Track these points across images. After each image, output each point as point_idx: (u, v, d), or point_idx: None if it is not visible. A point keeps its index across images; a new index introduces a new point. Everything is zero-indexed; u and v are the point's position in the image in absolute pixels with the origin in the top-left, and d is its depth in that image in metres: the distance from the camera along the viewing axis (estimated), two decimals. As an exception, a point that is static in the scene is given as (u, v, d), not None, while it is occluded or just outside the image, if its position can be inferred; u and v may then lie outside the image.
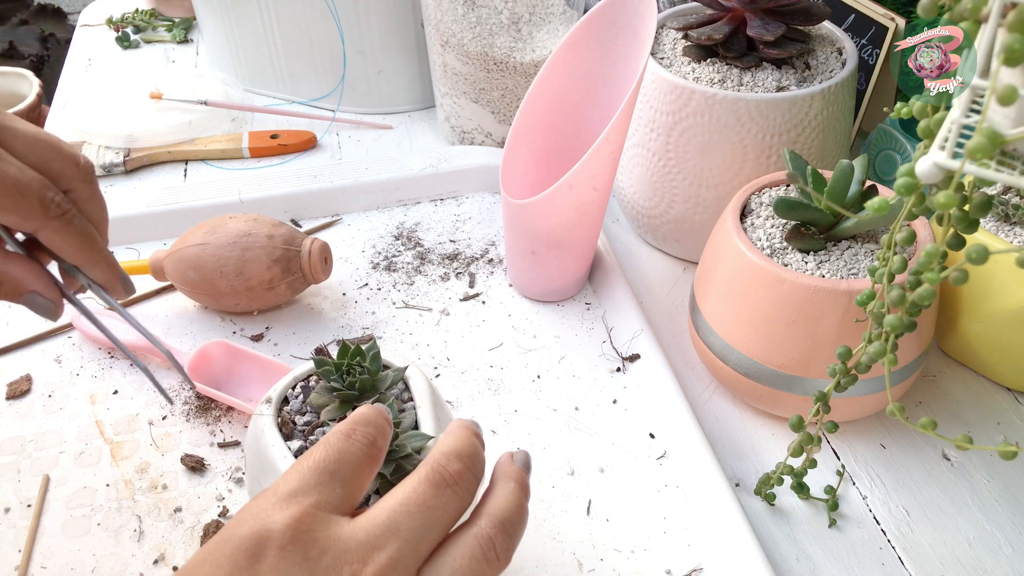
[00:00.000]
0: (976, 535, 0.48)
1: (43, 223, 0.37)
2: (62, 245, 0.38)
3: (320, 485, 0.29)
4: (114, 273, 0.41)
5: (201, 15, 0.88)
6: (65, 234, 0.38)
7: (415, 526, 0.29)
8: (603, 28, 0.58)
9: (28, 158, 0.37)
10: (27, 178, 0.36)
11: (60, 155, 0.38)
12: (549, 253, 0.59)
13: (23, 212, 0.36)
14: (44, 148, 0.38)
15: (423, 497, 0.29)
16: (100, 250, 0.40)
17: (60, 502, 0.49)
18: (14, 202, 0.36)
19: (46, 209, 0.37)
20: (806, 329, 0.47)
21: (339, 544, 0.28)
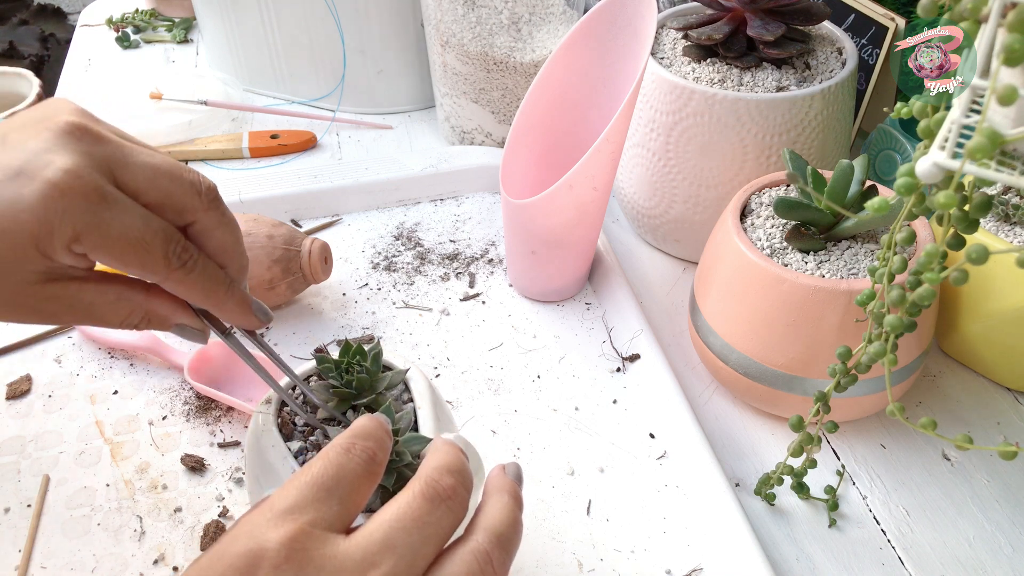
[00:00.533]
0: (976, 535, 0.48)
1: (166, 276, 0.36)
2: (186, 293, 0.38)
3: (317, 502, 0.29)
4: (244, 310, 0.40)
5: (201, 15, 0.88)
6: (188, 284, 0.37)
7: (411, 542, 0.28)
8: (603, 28, 0.58)
9: (149, 195, 0.36)
10: (149, 230, 0.35)
11: (181, 186, 0.37)
12: (549, 253, 0.59)
13: (146, 267, 0.36)
14: (164, 181, 0.36)
15: (418, 512, 0.29)
16: (226, 292, 0.39)
17: (60, 502, 0.49)
18: (137, 258, 0.35)
19: (168, 262, 0.36)
20: (806, 329, 0.47)
21: (334, 563, 0.27)
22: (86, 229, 0.34)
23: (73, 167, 0.33)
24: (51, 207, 0.33)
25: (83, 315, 0.37)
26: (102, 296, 0.37)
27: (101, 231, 0.34)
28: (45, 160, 0.33)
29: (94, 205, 0.34)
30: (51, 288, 0.36)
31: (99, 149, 0.35)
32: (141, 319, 0.38)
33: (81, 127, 0.35)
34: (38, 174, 0.33)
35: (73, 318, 0.37)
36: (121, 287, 0.38)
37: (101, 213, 0.34)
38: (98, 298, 0.37)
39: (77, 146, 0.34)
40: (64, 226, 0.33)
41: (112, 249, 0.34)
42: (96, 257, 0.35)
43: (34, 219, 0.33)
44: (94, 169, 0.34)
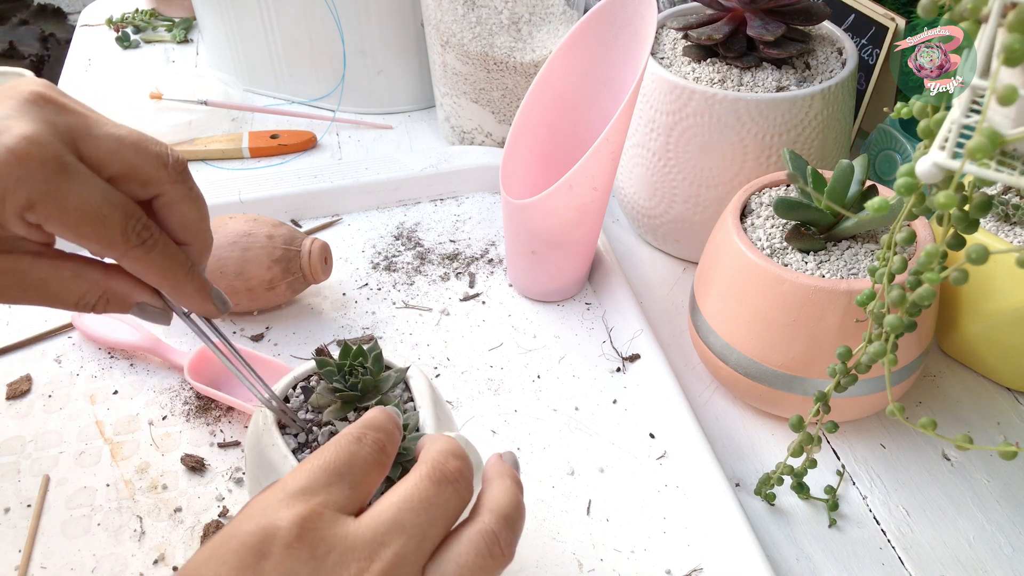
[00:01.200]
0: (976, 535, 0.48)
1: (124, 252, 0.35)
2: (144, 273, 0.37)
3: (328, 485, 0.29)
4: (203, 296, 0.38)
5: (201, 15, 0.88)
6: (147, 263, 0.36)
7: (419, 522, 0.29)
8: (603, 28, 0.58)
9: (112, 167, 0.35)
10: (109, 205, 0.34)
11: (146, 157, 0.36)
12: (549, 253, 0.59)
13: (103, 242, 0.34)
14: (128, 152, 0.35)
15: (425, 494, 0.29)
16: (185, 274, 0.37)
17: (60, 502, 0.49)
18: (94, 231, 0.34)
19: (127, 239, 0.35)
20: (806, 329, 0.47)
21: (345, 542, 0.28)
22: (42, 198, 0.32)
23: (32, 134, 0.32)
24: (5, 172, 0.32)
25: (35, 292, 0.36)
26: (56, 272, 0.36)
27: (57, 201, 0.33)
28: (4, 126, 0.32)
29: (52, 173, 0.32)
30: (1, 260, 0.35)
31: (62, 118, 0.34)
32: (99, 299, 0.37)
33: (45, 96, 0.34)
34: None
35: (23, 295, 0.36)
36: (78, 264, 0.36)
37: (59, 182, 0.33)
38: (52, 274, 0.36)
39: (39, 114, 0.33)
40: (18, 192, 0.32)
41: (68, 221, 0.33)
42: (51, 228, 0.34)
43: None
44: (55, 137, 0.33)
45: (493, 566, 0.29)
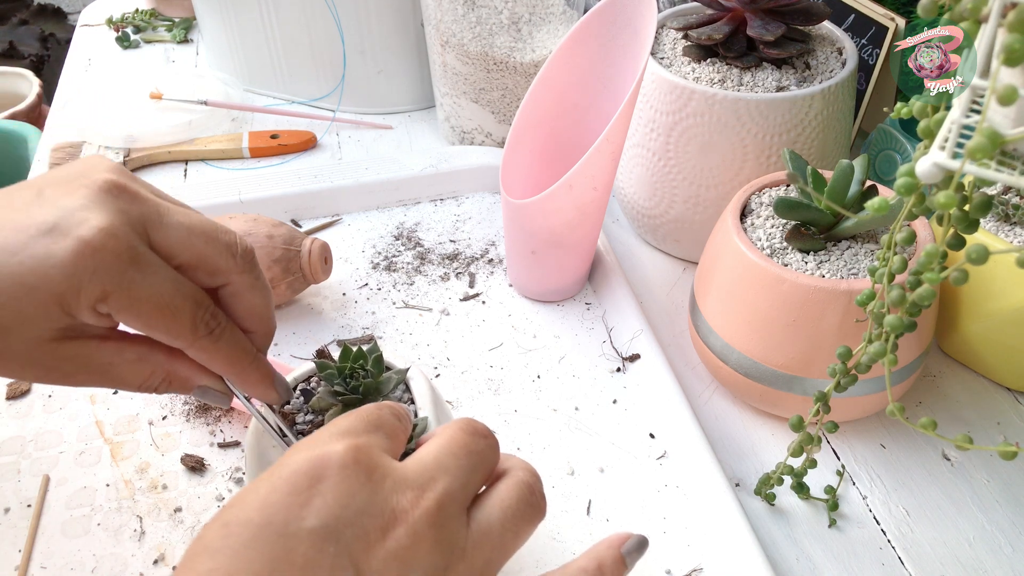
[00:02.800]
0: (976, 535, 0.48)
1: (192, 343, 0.35)
2: (210, 361, 0.37)
3: (368, 431, 0.30)
4: (267, 384, 0.39)
5: (201, 15, 0.88)
6: (213, 352, 0.36)
7: (462, 465, 0.29)
8: (603, 28, 0.58)
9: (183, 256, 0.35)
10: (180, 296, 0.34)
11: (216, 248, 0.36)
12: (549, 253, 0.59)
13: (172, 333, 0.35)
14: (199, 242, 0.35)
15: (464, 441, 0.30)
16: (250, 363, 0.38)
17: (60, 502, 0.49)
18: (164, 323, 0.34)
19: (195, 330, 0.35)
20: (806, 329, 0.47)
21: (398, 472, 0.28)
22: (115, 290, 0.33)
23: (108, 226, 0.33)
24: (81, 265, 0.32)
25: (100, 375, 0.36)
26: (121, 356, 0.36)
27: (130, 293, 0.33)
28: (80, 217, 0.33)
29: (125, 265, 0.33)
30: (68, 346, 0.35)
31: (135, 208, 0.34)
32: (161, 381, 0.37)
33: (119, 185, 0.34)
34: (72, 231, 0.32)
35: (89, 378, 0.36)
36: (142, 347, 0.37)
37: (131, 274, 0.33)
38: (117, 358, 0.36)
39: (113, 204, 0.33)
40: (93, 285, 0.32)
41: (139, 312, 0.34)
42: (122, 319, 0.34)
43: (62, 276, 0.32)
44: (129, 228, 0.33)
45: (532, 514, 0.30)
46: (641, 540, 0.32)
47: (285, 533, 0.25)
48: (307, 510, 0.26)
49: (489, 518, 0.29)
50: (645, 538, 0.32)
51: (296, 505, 0.26)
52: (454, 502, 0.28)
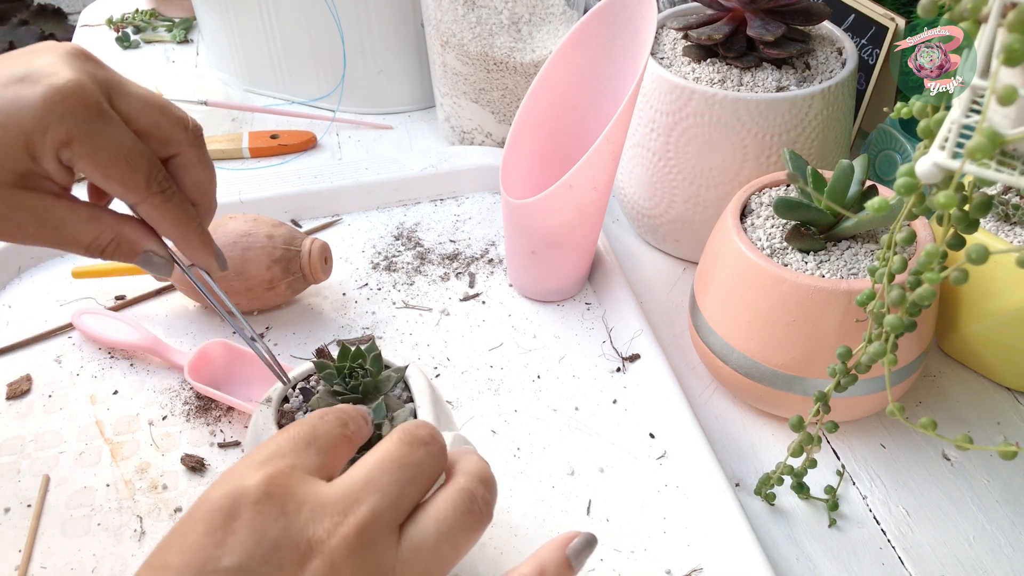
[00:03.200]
0: (976, 535, 0.48)
1: (144, 198, 0.38)
2: (158, 220, 0.40)
3: (296, 451, 0.29)
4: (207, 249, 0.42)
5: (201, 15, 0.88)
6: (163, 210, 0.39)
7: (393, 480, 0.28)
8: (603, 28, 0.58)
9: (139, 122, 0.38)
10: (137, 153, 0.37)
11: (169, 119, 0.39)
12: (549, 253, 0.59)
13: (128, 185, 0.37)
14: (154, 112, 0.39)
15: (398, 454, 0.29)
16: (194, 229, 0.41)
17: (60, 502, 0.49)
18: (121, 174, 0.37)
19: (149, 186, 0.38)
20: (806, 329, 0.47)
21: (317, 499, 0.27)
22: (79, 136, 0.35)
23: (76, 78, 0.36)
24: (50, 109, 0.35)
25: (51, 231, 0.38)
26: (73, 213, 0.38)
27: (93, 141, 0.36)
28: (51, 70, 0.36)
29: (92, 116, 0.36)
30: (24, 195, 0.37)
31: (100, 72, 0.38)
32: (110, 242, 0.39)
33: (84, 53, 0.38)
34: (43, 80, 0.35)
35: (41, 232, 0.38)
36: (94, 209, 0.39)
37: (97, 125, 0.36)
38: (70, 215, 0.38)
39: (80, 65, 0.37)
40: (59, 128, 0.35)
41: (99, 161, 0.36)
42: (82, 167, 0.37)
43: (31, 117, 0.35)
44: (95, 86, 0.36)
45: (472, 523, 0.29)
46: (588, 539, 0.31)
47: (202, 573, 0.25)
48: (222, 550, 0.26)
49: (423, 534, 0.28)
50: (592, 536, 0.31)
51: (211, 545, 0.26)
52: (379, 522, 0.27)
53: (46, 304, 0.62)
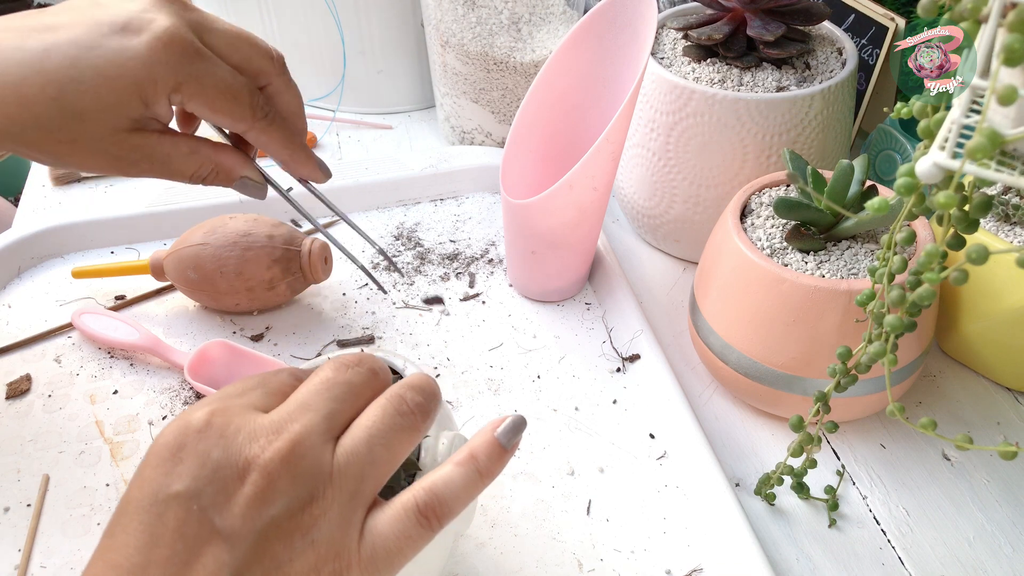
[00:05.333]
0: (976, 535, 0.48)
1: (252, 124, 0.41)
2: (267, 143, 0.43)
3: (239, 394, 0.31)
4: (313, 163, 0.46)
5: (201, 15, 0.88)
6: (269, 133, 0.42)
7: (323, 400, 0.31)
8: (603, 28, 0.58)
9: (232, 57, 0.41)
10: (238, 83, 0.40)
11: (257, 51, 0.42)
12: (549, 253, 0.59)
13: (235, 115, 0.40)
14: (244, 45, 0.41)
15: (327, 377, 0.32)
16: (299, 145, 0.44)
17: (60, 502, 0.49)
18: (227, 105, 0.40)
19: (255, 112, 0.41)
20: (806, 329, 0.47)
21: (254, 423, 0.30)
22: (186, 79, 0.38)
23: (173, 24, 0.38)
24: (156, 58, 0.37)
25: (160, 166, 0.41)
26: (177, 148, 0.41)
27: (199, 81, 0.39)
28: (148, 18, 0.38)
29: (192, 58, 0.38)
30: (136, 137, 0.40)
31: (188, 14, 0.40)
32: (210, 171, 0.43)
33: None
34: (143, 28, 0.37)
35: (151, 167, 0.41)
36: (193, 142, 0.42)
37: (198, 65, 0.39)
38: (174, 150, 0.41)
39: (172, 8, 0.39)
40: (167, 76, 0.38)
41: (207, 98, 0.39)
42: (192, 107, 0.40)
43: (141, 67, 0.37)
44: (188, 29, 0.39)
45: (405, 424, 0.31)
46: (517, 421, 0.33)
47: (156, 501, 0.28)
48: (171, 477, 0.28)
49: (355, 439, 0.30)
50: (521, 418, 0.33)
51: (162, 475, 0.28)
52: (311, 435, 0.29)
53: (46, 304, 0.62)
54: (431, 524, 0.30)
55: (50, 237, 0.65)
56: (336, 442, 0.30)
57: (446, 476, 0.31)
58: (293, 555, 0.28)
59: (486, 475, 0.32)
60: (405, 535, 0.30)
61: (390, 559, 0.30)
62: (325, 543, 0.29)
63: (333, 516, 0.29)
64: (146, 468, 0.29)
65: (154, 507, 0.28)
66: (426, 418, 0.32)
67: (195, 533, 0.27)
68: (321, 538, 0.29)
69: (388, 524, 0.30)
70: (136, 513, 0.28)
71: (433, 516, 0.30)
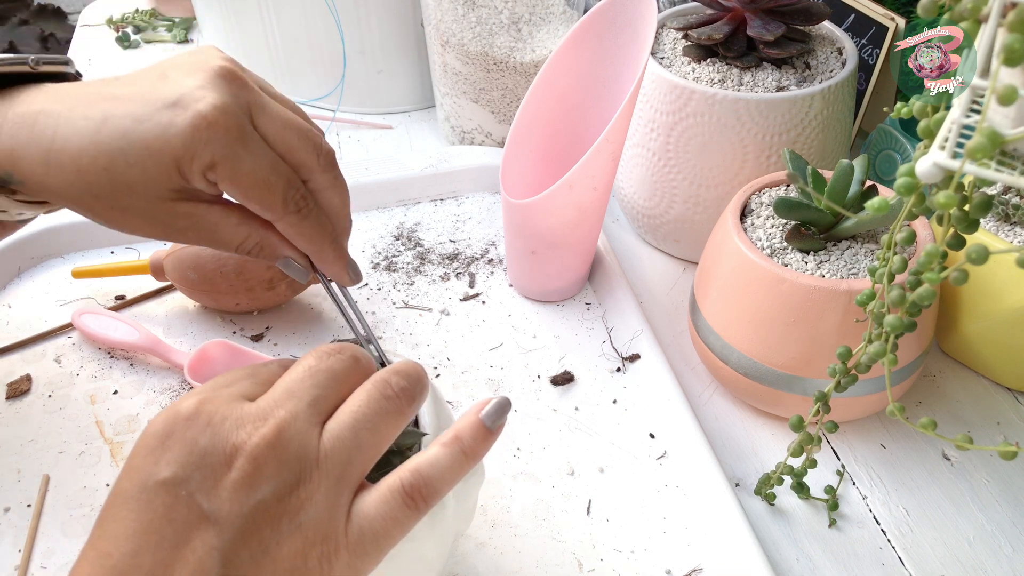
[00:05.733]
0: (976, 535, 0.48)
1: (280, 217, 0.41)
2: (296, 237, 0.42)
3: (228, 385, 0.32)
4: (341, 264, 0.44)
5: (201, 15, 0.88)
6: (300, 228, 0.42)
7: (307, 386, 0.31)
8: (603, 28, 0.58)
9: (277, 145, 0.40)
10: (276, 174, 0.40)
11: (305, 144, 0.41)
12: (549, 253, 0.59)
13: (265, 203, 0.40)
14: (292, 135, 0.41)
15: (309, 365, 0.32)
16: (328, 245, 0.43)
17: (60, 502, 0.49)
18: (260, 195, 0.40)
19: (286, 205, 0.40)
20: (806, 329, 0.47)
21: (241, 411, 0.30)
22: (223, 160, 0.38)
23: (221, 104, 0.38)
24: (198, 136, 0.38)
25: (206, 234, 0.42)
26: (226, 219, 0.42)
27: (235, 164, 0.39)
28: (199, 95, 0.38)
29: (234, 140, 0.38)
30: (183, 206, 0.40)
31: (244, 94, 0.40)
32: (255, 245, 0.43)
33: (232, 72, 0.40)
34: (191, 106, 0.38)
35: (198, 236, 0.42)
36: (243, 214, 0.42)
37: (238, 148, 0.39)
38: (222, 220, 0.41)
39: (227, 88, 0.39)
40: (205, 153, 0.38)
41: (240, 182, 0.39)
42: (224, 187, 0.40)
43: (181, 142, 0.38)
44: (238, 110, 0.39)
45: (389, 408, 0.32)
46: (501, 403, 0.34)
47: (145, 489, 0.28)
48: (159, 465, 0.29)
49: (340, 424, 0.31)
50: (506, 400, 0.34)
51: (151, 463, 0.29)
52: (297, 421, 0.30)
53: (46, 304, 0.62)
54: (417, 505, 0.31)
55: (50, 237, 0.65)
56: (322, 427, 0.31)
57: (431, 457, 0.32)
58: (280, 538, 0.29)
59: (471, 456, 0.32)
60: (392, 517, 0.30)
61: (377, 541, 0.30)
62: (312, 526, 0.29)
63: (320, 499, 0.29)
64: (135, 458, 0.29)
65: (143, 495, 0.28)
66: (411, 402, 0.32)
67: (183, 518, 0.28)
68: (308, 521, 0.29)
69: (375, 506, 0.30)
70: (125, 502, 0.28)
71: (419, 496, 0.31)
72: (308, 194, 0.42)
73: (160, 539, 0.28)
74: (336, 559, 0.30)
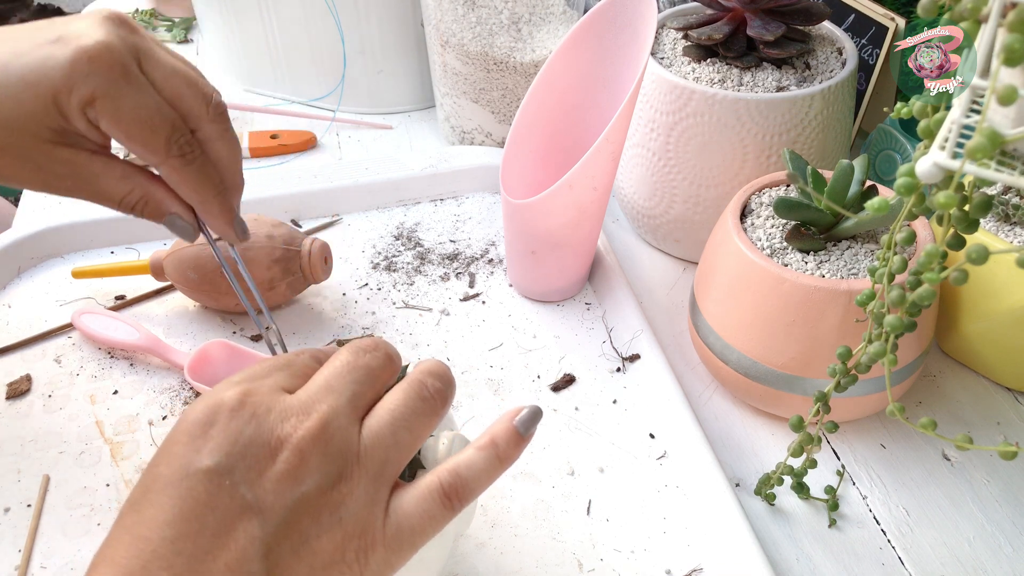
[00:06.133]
0: (976, 535, 0.48)
1: (163, 160, 0.40)
2: (178, 183, 0.41)
3: (266, 375, 0.32)
4: (227, 218, 0.43)
5: (201, 15, 0.88)
6: (182, 174, 0.40)
7: (346, 383, 0.32)
8: (603, 28, 0.58)
9: (164, 91, 0.39)
10: (160, 116, 0.39)
11: (194, 92, 0.40)
12: (549, 253, 0.59)
13: (149, 146, 0.39)
14: (180, 82, 0.40)
15: (347, 360, 0.33)
16: (213, 196, 0.42)
17: (60, 502, 0.49)
18: (142, 135, 0.39)
19: (168, 148, 0.39)
20: (806, 329, 0.47)
21: (284, 403, 0.31)
22: (103, 95, 0.37)
23: (106, 41, 0.37)
24: (77, 68, 0.37)
25: (86, 184, 0.40)
26: (108, 169, 0.40)
27: (115, 100, 0.38)
28: (83, 31, 0.38)
29: (116, 76, 0.37)
30: (63, 151, 0.39)
31: (132, 37, 0.39)
32: (139, 200, 0.41)
33: (122, 17, 0.39)
34: (73, 41, 0.37)
35: (77, 185, 0.40)
36: (127, 167, 0.41)
37: (121, 85, 0.38)
38: (104, 171, 0.40)
39: (114, 28, 0.38)
40: (84, 87, 0.37)
41: (121, 120, 0.38)
42: (105, 126, 0.38)
43: (59, 75, 0.37)
44: (124, 49, 0.38)
45: (425, 408, 0.32)
46: (534, 411, 0.34)
47: (186, 475, 0.28)
48: (201, 453, 0.29)
49: (379, 422, 0.31)
50: (538, 408, 0.34)
51: (193, 450, 0.29)
52: (339, 416, 0.31)
53: (46, 304, 0.62)
54: (453, 504, 0.31)
55: (50, 237, 0.65)
56: (361, 423, 0.31)
57: (468, 459, 0.32)
58: (321, 531, 0.29)
59: (505, 460, 0.33)
60: (429, 514, 0.31)
61: (413, 537, 0.31)
62: (352, 520, 0.30)
63: (360, 495, 0.30)
64: (174, 444, 0.29)
65: (184, 481, 0.28)
66: (445, 403, 0.33)
67: (227, 507, 0.28)
68: (348, 515, 0.30)
69: (413, 503, 0.31)
70: (165, 488, 0.28)
71: (456, 497, 0.31)
72: (195, 141, 0.40)
73: (202, 527, 0.28)
74: (372, 553, 0.30)
